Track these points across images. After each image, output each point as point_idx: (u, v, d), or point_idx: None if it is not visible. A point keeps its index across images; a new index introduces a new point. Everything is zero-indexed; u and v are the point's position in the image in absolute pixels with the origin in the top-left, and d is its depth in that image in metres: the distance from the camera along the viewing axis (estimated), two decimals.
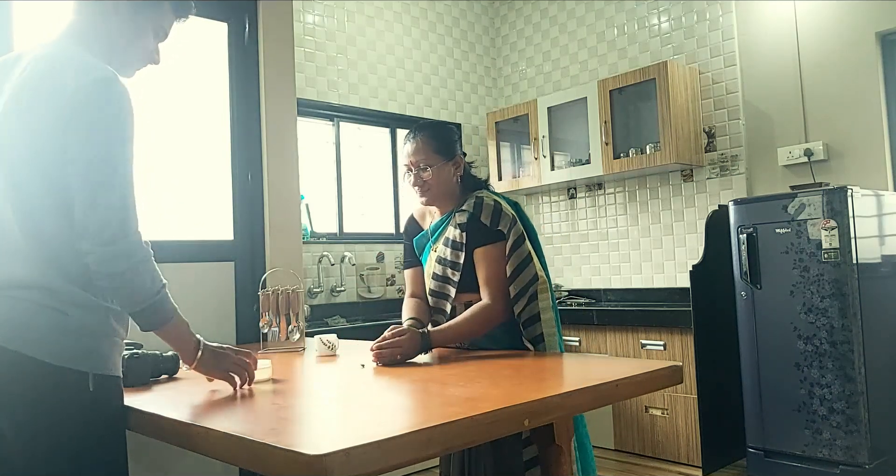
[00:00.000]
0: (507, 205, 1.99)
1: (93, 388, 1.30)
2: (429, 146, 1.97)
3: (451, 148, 2.01)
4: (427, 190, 1.99)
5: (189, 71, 2.65)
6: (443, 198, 2.01)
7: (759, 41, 3.90)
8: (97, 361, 1.32)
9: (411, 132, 2.04)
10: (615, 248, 4.53)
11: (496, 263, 1.91)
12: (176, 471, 2.33)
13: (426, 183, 1.98)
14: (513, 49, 5.20)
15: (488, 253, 1.92)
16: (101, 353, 1.33)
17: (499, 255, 1.92)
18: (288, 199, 2.81)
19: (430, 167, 1.96)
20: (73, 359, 1.29)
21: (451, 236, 1.97)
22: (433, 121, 2.16)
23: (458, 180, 2.03)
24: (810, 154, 3.64)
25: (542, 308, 1.92)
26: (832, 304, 2.94)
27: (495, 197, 2.00)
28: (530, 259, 1.92)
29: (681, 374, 1.58)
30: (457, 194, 2.04)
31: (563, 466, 1.47)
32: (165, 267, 2.43)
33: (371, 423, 1.15)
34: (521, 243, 1.93)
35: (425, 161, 1.96)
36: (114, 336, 1.37)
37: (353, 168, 4.43)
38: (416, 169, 1.98)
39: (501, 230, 1.92)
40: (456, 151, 2.02)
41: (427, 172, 1.97)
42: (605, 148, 4.14)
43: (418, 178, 1.98)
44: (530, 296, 1.91)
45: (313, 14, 4.21)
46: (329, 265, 4.09)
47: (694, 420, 3.49)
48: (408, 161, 2.00)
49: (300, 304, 2.35)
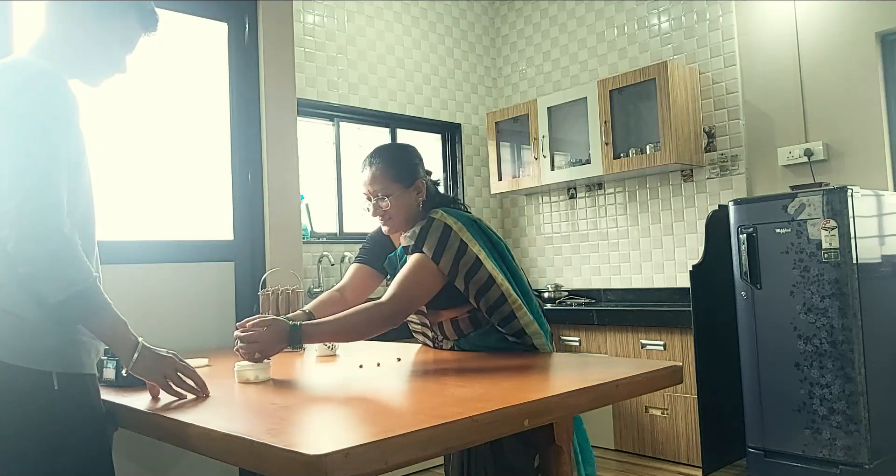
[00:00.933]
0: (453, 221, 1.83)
1: (58, 386, 1.30)
2: (386, 175, 1.88)
3: (410, 173, 1.90)
4: (389, 219, 1.90)
5: (189, 71, 2.65)
6: (406, 225, 1.90)
7: (759, 41, 3.90)
8: (61, 360, 1.32)
9: (367, 158, 1.94)
10: (615, 248, 4.53)
11: (416, 272, 1.77)
12: (176, 471, 2.33)
13: (386, 213, 1.89)
14: (513, 49, 5.21)
15: (417, 260, 1.79)
16: (64, 352, 1.32)
17: (426, 267, 1.78)
18: (288, 199, 2.81)
19: (388, 196, 1.87)
20: (35, 359, 1.29)
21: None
22: (390, 145, 2.09)
23: (420, 205, 1.92)
24: (810, 154, 3.64)
25: (525, 323, 1.83)
26: (832, 304, 2.94)
27: (448, 218, 1.84)
28: (492, 281, 1.79)
29: (681, 374, 1.58)
30: (418, 218, 1.90)
31: (563, 466, 1.47)
32: (165, 267, 2.45)
33: (371, 423, 1.15)
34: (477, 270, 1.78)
35: (384, 190, 1.87)
36: (78, 334, 1.35)
37: (354, 168, 4.43)
38: (374, 199, 1.89)
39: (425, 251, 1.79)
40: (416, 176, 1.91)
41: (385, 202, 1.88)
42: (605, 148, 4.14)
43: (378, 209, 1.90)
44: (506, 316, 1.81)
45: (313, 14, 4.21)
46: (329, 265, 4.09)
47: (694, 420, 3.49)
48: (365, 190, 1.92)
49: (300, 304, 2.35)
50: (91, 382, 1.39)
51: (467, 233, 1.82)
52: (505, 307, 1.81)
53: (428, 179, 1.98)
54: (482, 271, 1.79)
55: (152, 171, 2.53)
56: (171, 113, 2.59)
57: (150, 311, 2.38)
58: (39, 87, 1.30)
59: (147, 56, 2.54)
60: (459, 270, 1.78)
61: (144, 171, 2.51)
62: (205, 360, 1.98)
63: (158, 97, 2.56)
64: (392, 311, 1.74)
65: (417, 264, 1.79)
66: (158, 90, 2.56)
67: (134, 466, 2.26)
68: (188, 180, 2.62)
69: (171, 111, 2.60)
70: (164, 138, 2.57)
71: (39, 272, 1.25)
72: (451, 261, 1.78)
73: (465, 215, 1.91)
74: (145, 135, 2.52)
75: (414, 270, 1.78)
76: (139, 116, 2.50)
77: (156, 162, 2.54)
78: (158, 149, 2.55)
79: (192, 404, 1.40)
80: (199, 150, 2.66)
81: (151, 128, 2.54)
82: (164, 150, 2.56)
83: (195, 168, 2.64)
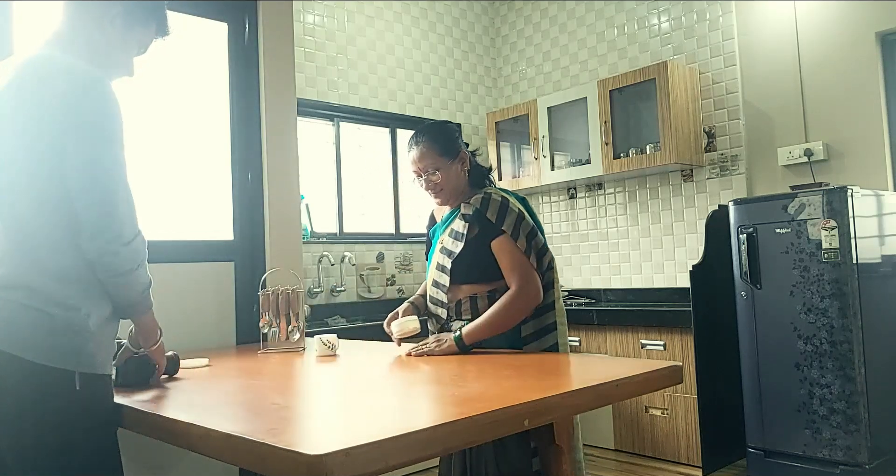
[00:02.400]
0: (514, 200, 2.03)
1: (79, 386, 1.31)
2: (432, 150, 2.04)
3: (454, 147, 2.07)
4: (440, 191, 2.06)
5: (189, 71, 2.65)
6: (456, 195, 2.08)
7: (759, 41, 3.90)
8: (83, 360, 1.33)
9: (413, 138, 2.09)
10: (615, 248, 4.53)
11: (514, 252, 1.95)
12: (176, 471, 2.33)
13: (437, 185, 2.05)
14: (513, 49, 5.20)
15: (503, 244, 1.95)
16: (87, 352, 1.34)
17: (510, 244, 1.95)
18: (288, 199, 2.81)
19: (437, 170, 2.03)
20: (59, 358, 1.30)
21: (456, 227, 2.03)
22: (432, 123, 2.17)
23: (466, 174, 2.10)
24: (810, 154, 3.64)
25: (556, 297, 2.00)
26: (832, 304, 2.94)
27: (503, 193, 2.04)
28: (546, 249, 2.00)
29: (681, 374, 1.58)
30: (466, 189, 2.10)
31: (563, 466, 1.47)
32: (165, 267, 2.45)
33: (371, 423, 1.15)
34: (535, 235, 1.98)
35: (432, 165, 2.03)
36: (100, 335, 1.38)
37: (353, 168, 4.43)
38: (424, 174, 2.05)
39: (504, 229, 1.95)
40: (459, 149, 2.08)
41: (436, 175, 2.04)
42: (605, 148, 4.14)
43: (429, 182, 2.05)
44: (547, 284, 1.99)
45: (313, 14, 4.21)
46: (329, 265, 4.09)
47: (694, 420, 3.49)
48: (415, 167, 2.07)
49: (300, 304, 2.35)
50: (108, 383, 1.42)
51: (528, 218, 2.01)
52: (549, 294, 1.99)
53: (469, 151, 2.14)
54: (549, 254, 2.01)
55: (152, 171, 2.52)
56: (171, 113, 2.59)
57: None
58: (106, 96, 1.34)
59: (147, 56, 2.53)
60: (532, 248, 1.97)
61: (144, 170, 2.51)
62: (205, 360, 1.98)
63: (159, 97, 2.56)
64: (534, 291, 1.93)
65: (506, 245, 1.95)
66: (159, 90, 2.56)
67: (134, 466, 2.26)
68: (188, 180, 2.62)
69: (172, 111, 2.59)
70: (165, 138, 2.57)
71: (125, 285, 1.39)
72: (527, 239, 1.96)
73: (517, 195, 2.11)
74: (145, 135, 2.51)
75: (510, 251, 1.95)
76: (139, 116, 2.50)
77: (156, 162, 2.53)
78: (159, 149, 2.55)
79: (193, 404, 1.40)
80: (200, 150, 2.66)
81: (152, 128, 2.53)
82: (164, 150, 2.56)
83: (195, 168, 2.64)
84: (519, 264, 1.94)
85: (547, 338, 1.97)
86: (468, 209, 2.00)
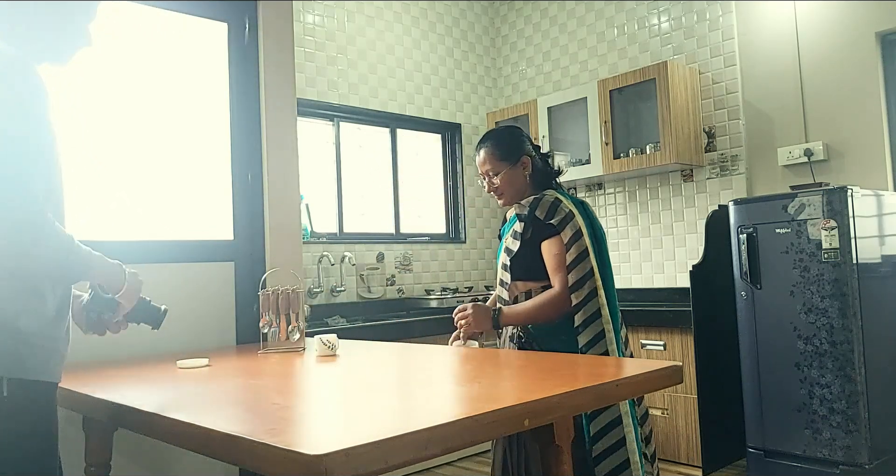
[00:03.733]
0: (567, 201, 2.10)
1: (7, 393, 1.22)
2: (493, 155, 2.16)
3: (515, 152, 2.17)
4: (501, 194, 2.18)
5: (189, 71, 2.65)
6: (517, 197, 2.18)
7: (759, 41, 3.90)
8: (12, 365, 1.24)
9: (479, 143, 2.23)
10: (615, 248, 4.53)
11: (558, 255, 2.04)
12: (176, 471, 2.33)
13: (498, 188, 2.17)
14: (513, 49, 5.20)
15: (549, 245, 2.06)
16: (18, 356, 1.25)
17: (558, 246, 2.04)
18: (288, 199, 2.81)
19: (497, 174, 2.16)
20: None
21: (516, 227, 2.14)
22: (496, 129, 2.30)
23: (527, 178, 2.19)
24: (810, 154, 3.64)
25: (601, 304, 2.01)
26: (832, 304, 2.94)
27: (557, 194, 2.12)
28: (587, 254, 2.03)
29: (681, 374, 1.58)
30: (528, 191, 2.19)
31: (563, 466, 1.47)
32: (165, 267, 2.45)
33: (371, 423, 1.15)
34: (579, 238, 2.03)
35: (493, 169, 2.16)
36: (36, 337, 1.28)
37: (353, 168, 4.43)
38: (487, 177, 2.19)
39: (553, 224, 2.04)
40: (521, 153, 2.17)
41: (497, 178, 2.16)
42: (605, 148, 4.14)
43: (491, 185, 2.19)
44: (589, 290, 2.01)
45: (313, 14, 4.21)
46: (329, 265, 4.09)
47: (694, 420, 3.49)
48: (480, 171, 2.21)
49: (300, 304, 2.35)
50: (48, 390, 1.31)
51: (581, 220, 2.07)
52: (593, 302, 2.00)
53: (535, 154, 2.22)
54: (589, 260, 2.03)
55: (152, 171, 2.52)
56: (171, 113, 2.59)
57: None
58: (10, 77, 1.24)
59: (147, 56, 2.54)
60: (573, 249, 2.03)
61: (144, 171, 2.51)
62: (205, 360, 1.98)
63: (158, 97, 2.56)
64: (568, 295, 2.01)
65: (551, 249, 2.05)
66: (159, 90, 2.56)
67: (134, 466, 2.26)
68: (188, 180, 2.62)
69: (172, 111, 2.59)
70: (165, 138, 2.57)
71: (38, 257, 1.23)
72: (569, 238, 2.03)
73: (574, 199, 2.17)
74: (145, 135, 2.52)
75: (551, 255, 2.05)
76: (139, 116, 2.50)
77: (156, 162, 2.53)
78: (158, 149, 2.55)
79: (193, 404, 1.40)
80: (200, 150, 2.66)
81: (151, 128, 2.53)
82: (164, 150, 2.56)
83: (195, 168, 2.64)
84: (559, 268, 2.04)
85: (597, 346, 2.01)
86: (522, 210, 2.12)
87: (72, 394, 1.62)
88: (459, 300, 4.30)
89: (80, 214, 2.30)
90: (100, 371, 1.94)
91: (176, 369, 1.91)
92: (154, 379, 1.75)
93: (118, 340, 2.29)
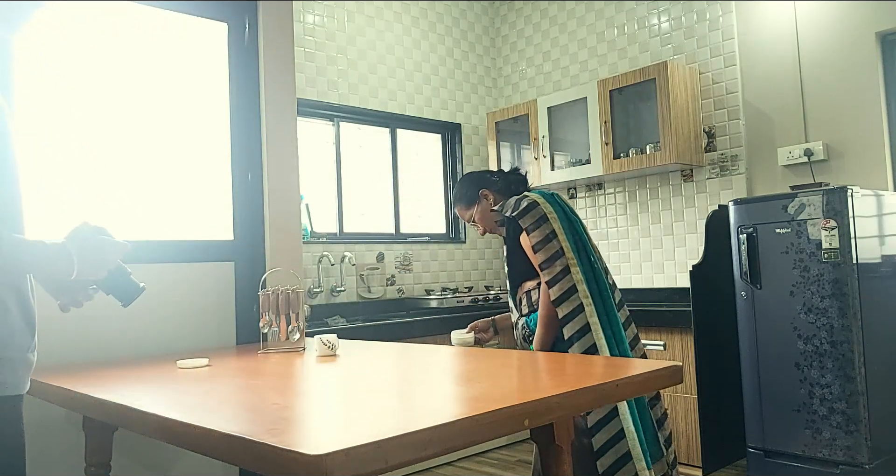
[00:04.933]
0: (536, 196, 2.23)
1: None
2: (461, 206, 2.51)
3: (471, 194, 2.47)
4: (481, 228, 2.50)
5: (189, 71, 2.65)
6: (492, 225, 2.46)
7: (759, 41, 3.90)
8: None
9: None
10: (615, 248, 4.53)
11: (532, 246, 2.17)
12: (176, 471, 2.33)
13: (478, 224, 2.49)
14: (513, 49, 5.20)
15: (524, 239, 2.19)
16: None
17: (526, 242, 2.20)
18: (288, 199, 2.81)
19: (473, 217, 2.49)
20: None
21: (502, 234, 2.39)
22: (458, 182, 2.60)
23: (492, 204, 2.44)
24: (810, 154, 3.64)
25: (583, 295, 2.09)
26: (832, 304, 2.94)
27: (531, 194, 2.27)
28: (561, 253, 2.13)
29: (681, 374, 1.58)
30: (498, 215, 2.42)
31: (564, 466, 1.47)
32: (165, 267, 2.45)
33: (371, 423, 1.15)
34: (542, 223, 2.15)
35: (467, 215, 2.51)
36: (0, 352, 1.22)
37: (353, 168, 4.43)
38: (471, 223, 2.53)
39: (515, 216, 2.19)
40: (477, 191, 2.46)
41: (475, 219, 2.49)
42: (605, 148, 4.14)
43: (474, 224, 2.51)
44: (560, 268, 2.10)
45: (313, 14, 4.21)
46: (329, 265, 4.09)
47: (694, 420, 3.49)
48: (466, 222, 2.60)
49: (300, 304, 2.35)
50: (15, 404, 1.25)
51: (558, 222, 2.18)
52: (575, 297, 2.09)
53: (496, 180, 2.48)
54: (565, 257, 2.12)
55: (152, 172, 2.52)
56: (171, 113, 2.59)
57: (150, 311, 2.38)
58: None
59: (148, 56, 2.54)
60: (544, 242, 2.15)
61: (144, 171, 2.51)
62: (205, 360, 1.98)
63: (159, 98, 2.56)
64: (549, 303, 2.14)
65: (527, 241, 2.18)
66: (159, 91, 2.56)
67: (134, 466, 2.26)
68: (188, 180, 2.62)
69: (171, 111, 2.59)
70: (164, 138, 2.57)
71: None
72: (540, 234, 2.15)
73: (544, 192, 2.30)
74: (145, 135, 2.52)
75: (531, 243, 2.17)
76: (139, 117, 2.50)
77: (156, 162, 2.53)
78: (159, 149, 2.55)
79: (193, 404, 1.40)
80: (199, 151, 2.66)
81: (151, 128, 2.53)
82: (164, 150, 2.56)
83: (195, 168, 2.64)
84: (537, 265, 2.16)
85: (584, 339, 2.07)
86: (499, 215, 2.36)
87: (72, 394, 1.62)
88: (459, 300, 4.30)
89: (80, 215, 2.30)
90: (100, 371, 1.93)
91: (176, 369, 1.91)
92: (154, 379, 1.75)
93: (118, 340, 2.29)
